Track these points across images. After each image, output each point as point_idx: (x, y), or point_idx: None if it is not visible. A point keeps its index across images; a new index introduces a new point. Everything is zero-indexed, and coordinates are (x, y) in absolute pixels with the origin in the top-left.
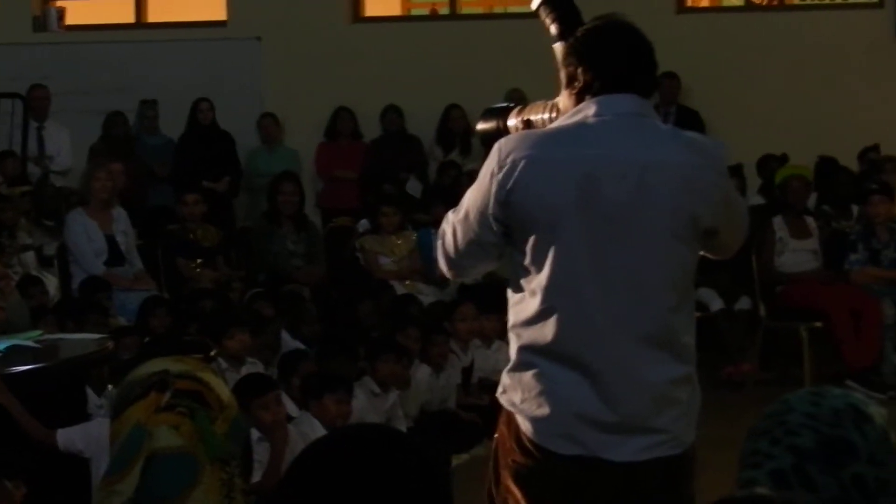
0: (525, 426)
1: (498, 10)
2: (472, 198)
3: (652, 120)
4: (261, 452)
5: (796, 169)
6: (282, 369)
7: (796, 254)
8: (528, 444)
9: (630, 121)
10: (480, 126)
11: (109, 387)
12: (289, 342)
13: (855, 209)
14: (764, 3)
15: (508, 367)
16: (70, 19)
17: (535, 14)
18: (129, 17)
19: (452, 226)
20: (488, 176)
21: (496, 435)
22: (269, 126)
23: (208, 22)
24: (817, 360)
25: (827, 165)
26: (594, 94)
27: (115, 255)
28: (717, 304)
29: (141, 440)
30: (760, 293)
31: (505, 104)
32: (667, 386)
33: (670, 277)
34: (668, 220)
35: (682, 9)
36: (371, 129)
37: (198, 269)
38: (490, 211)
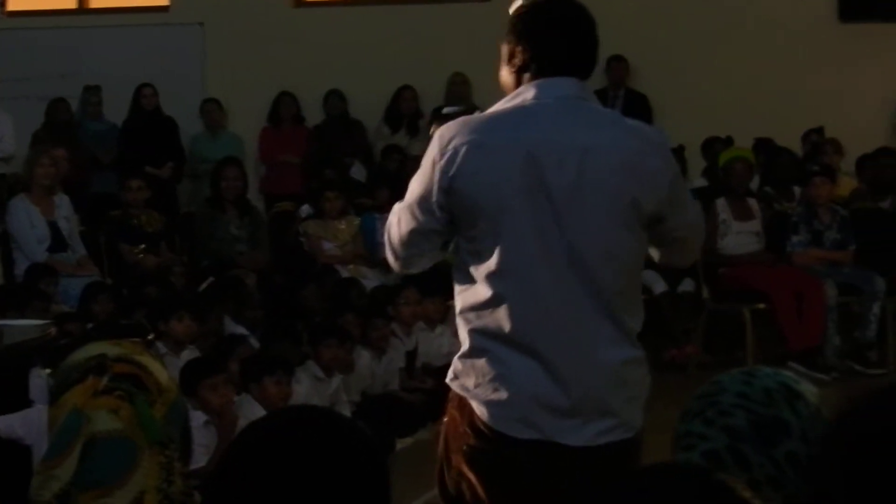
0: (480, 411)
1: None
2: (416, 187)
3: (592, 104)
4: (208, 436)
5: (739, 151)
6: (219, 354)
7: (739, 236)
8: (483, 429)
9: (570, 104)
10: (434, 131)
11: (44, 372)
12: (232, 327)
13: (797, 191)
14: None
15: (460, 352)
16: (12, 5)
17: None
18: (71, 2)
19: (398, 217)
20: (430, 164)
21: (446, 419)
22: (213, 111)
23: (151, 7)
24: (760, 341)
25: (764, 146)
26: (532, 75)
27: (58, 242)
28: (660, 286)
29: (79, 424)
30: (704, 275)
31: (459, 109)
32: (619, 368)
33: (616, 261)
34: (610, 203)
35: None
36: (314, 114)
37: (141, 255)
38: (434, 199)
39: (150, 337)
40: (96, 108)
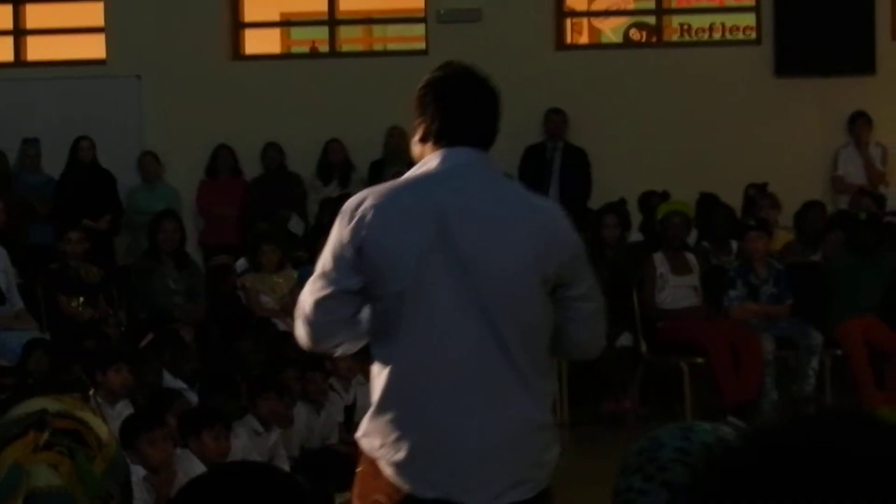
0: (387, 471)
1: (377, 47)
2: (328, 254)
3: (494, 172)
4: (147, 491)
5: (676, 205)
6: (157, 407)
7: (677, 290)
8: (390, 487)
9: (472, 172)
10: None
11: None
12: (170, 381)
13: (734, 245)
14: (642, 39)
15: (369, 411)
16: None
17: (414, 52)
18: (8, 55)
19: (309, 289)
20: (341, 230)
21: (359, 469)
22: (150, 164)
23: (88, 60)
24: (698, 395)
25: (707, 202)
26: (435, 145)
27: None
28: None
29: (19, 479)
30: (641, 329)
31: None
32: (526, 429)
33: (522, 323)
34: (516, 266)
35: (561, 45)
36: (251, 167)
37: (79, 308)
38: (347, 260)
39: (91, 392)
40: (34, 161)
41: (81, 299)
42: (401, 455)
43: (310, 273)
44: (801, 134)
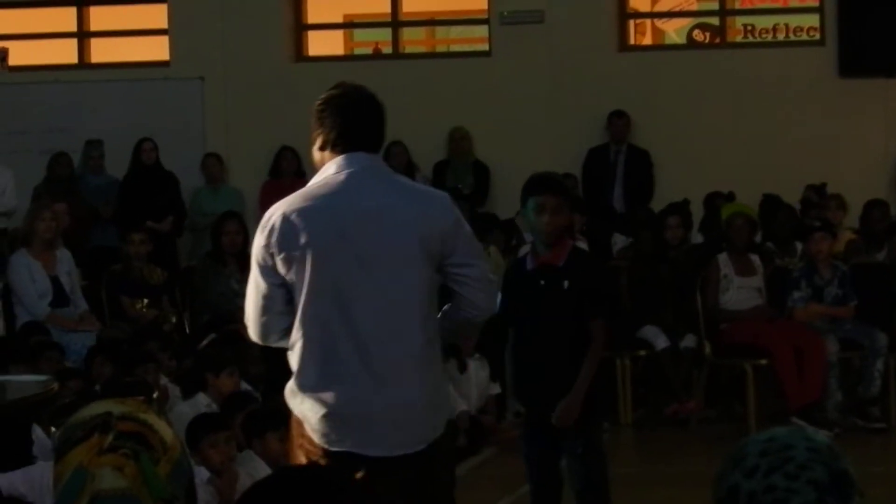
0: (307, 426)
1: (440, 48)
2: (253, 263)
3: (385, 171)
4: (210, 494)
5: (740, 207)
6: (226, 411)
7: (741, 291)
8: (310, 437)
9: (367, 172)
10: None
11: (53, 429)
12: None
13: (798, 246)
14: (706, 40)
15: (292, 379)
16: (14, 60)
17: (477, 54)
18: (72, 58)
19: (248, 296)
20: (257, 241)
21: (294, 415)
22: (213, 166)
23: (151, 62)
24: (762, 397)
25: (771, 204)
26: (332, 152)
27: (60, 296)
28: (661, 341)
29: (83, 482)
30: (705, 331)
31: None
32: (418, 397)
33: (416, 298)
34: (406, 248)
35: (624, 47)
36: (315, 168)
37: (143, 309)
38: (267, 263)
39: (155, 395)
40: (97, 162)
41: (145, 301)
42: (318, 415)
43: None
44: (864, 134)
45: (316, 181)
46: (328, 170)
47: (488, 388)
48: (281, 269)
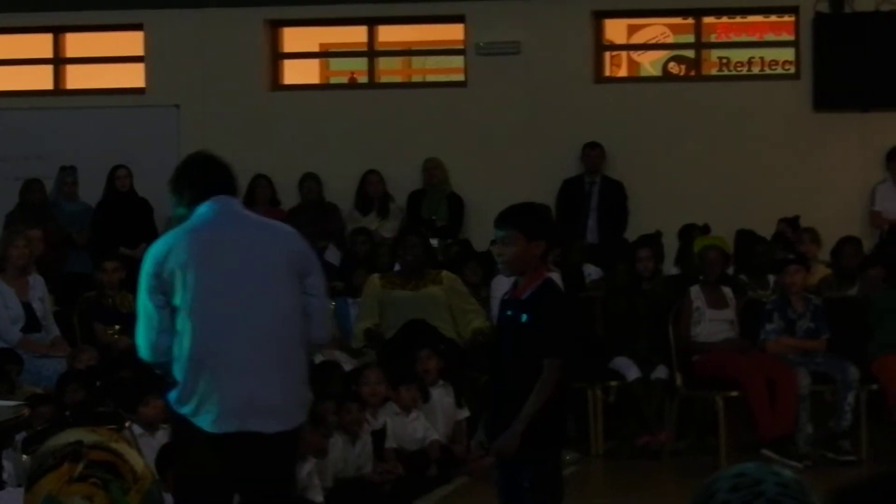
0: (201, 420)
1: (416, 78)
2: (142, 287)
3: (244, 211)
4: None
5: (713, 240)
6: None
7: (713, 323)
8: (202, 432)
9: (230, 210)
10: None
11: (24, 457)
12: None
13: (771, 279)
14: (681, 73)
15: (178, 388)
16: None
17: (453, 84)
18: (47, 83)
19: (140, 318)
20: (145, 269)
21: (175, 427)
22: None
23: (127, 89)
24: (733, 429)
25: (746, 238)
26: (200, 200)
27: (32, 322)
28: (633, 373)
29: None
30: (677, 362)
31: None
32: (291, 385)
33: (283, 305)
34: (271, 269)
35: (599, 78)
36: (289, 197)
37: (115, 336)
38: (152, 288)
39: (127, 424)
40: (71, 189)
41: (117, 328)
42: (213, 408)
43: (345, 304)
44: (839, 169)
45: (192, 221)
46: (200, 210)
47: (455, 414)
48: (166, 291)
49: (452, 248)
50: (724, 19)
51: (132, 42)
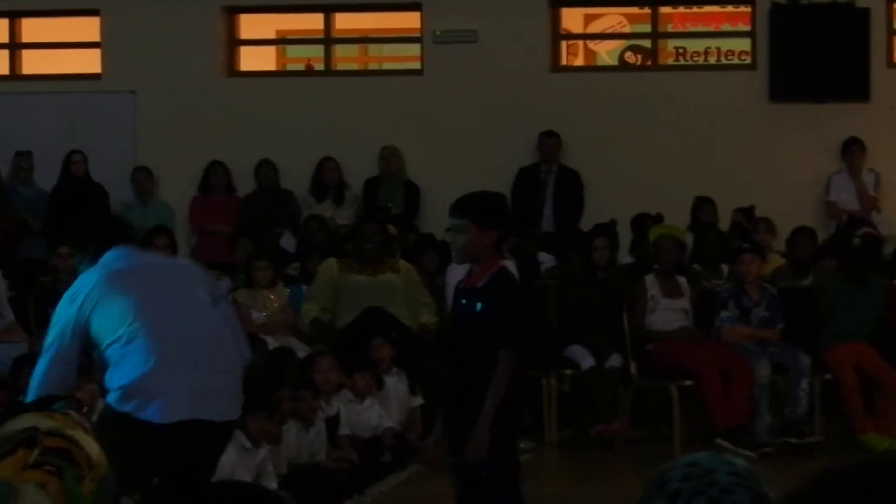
0: (151, 413)
1: (373, 66)
2: (57, 330)
3: (151, 251)
4: None
5: (668, 229)
6: None
7: (667, 312)
8: (150, 426)
9: (135, 253)
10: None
11: None
12: None
13: (725, 269)
14: (637, 62)
15: (120, 392)
16: None
17: (409, 72)
18: (3, 69)
19: (42, 364)
20: (69, 312)
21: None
22: (143, 179)
23: (83, 75)
24: (687, 418)
25: (700, 225)
26: (102, 253)
27: None
28: (588, 361)
29: (6, 498)
30: (631, 351)
31: None
32: (233, 380)
33: (212, 316)
34: (195, 287)
35: (556, 67)
36: (245, 184)
37: None
38: (75, 329)
39: (84, 410)
40: (27, 174)
41: None
42: (163, 400)
43: (300, 291)
44: (795, 159)
45: (108, 267)
46: (108, 256)
47: (409, 401)
48: (90, 325)
49: (410, 237)
50: (681, 9)
51: (88, 28)
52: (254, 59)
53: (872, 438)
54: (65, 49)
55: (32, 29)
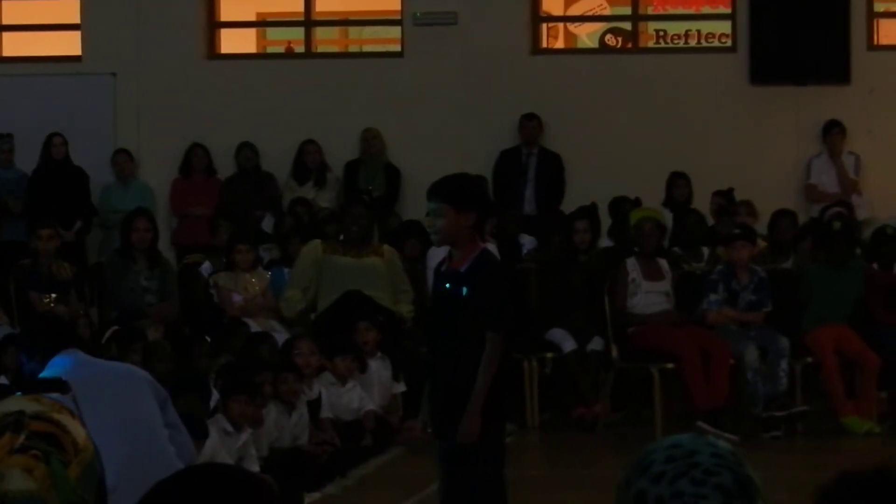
0: None
1: (353, 48)
2: None
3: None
4: None
5: (649, 212)
6: None
7: (649, 295)
8: None
9: (83, 357)
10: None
11: None
12: None
13: (706, 251)
14: (618, 45)
15: None
16: None
17: (389, 54)
18: None
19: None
20: None
21: None
22: (123, 162)
23: (63, 57)
24: (668, 400)
25: (680, 208)
26: (49, 357)
27: None
28: (569, 344)
29: None
30: (613, 334)
31: None
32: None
33: (153, 435)
34: (144, 404)
35: (536, 50)
36: (226, 166)
37: (51, 304)
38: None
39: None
40: (7, 157)
41: (53, 296)
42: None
43: (281, 273)
44: (775, 142)
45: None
46: (56, 361)
47: (392, 387)
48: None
49: (392, 221)
50: None
51: (68, 10)
52: (234, 42)
53: (853, 422)
54: (45, 31)
55: (12, 11)
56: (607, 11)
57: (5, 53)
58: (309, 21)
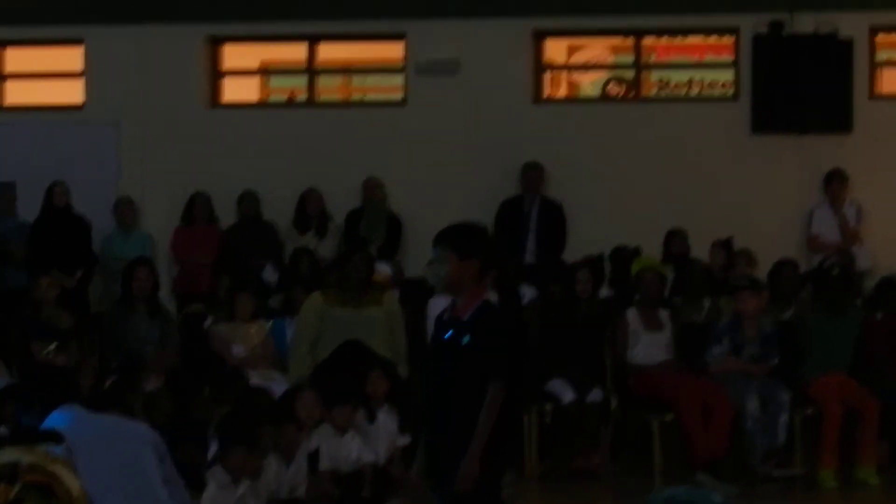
0: None
1: (355, 98)
2: None
3: (98, 415)
4: None
5: (651, 261)
6: None
7: (649, 346)
8: None
9: (82, 412)
10: None
11: None
12: None
13: (706, 303)
14: (620, 94)
15: None
16: None
17: (392, 103)
18: None
19: None
20: None
21: None
22: (125, 210)
23: (66, 105)
24: (668, 450)
25: (682, 259)
26: (48, 412)
27: None
28: (568, 395)
29: None
30: (613, 385)
31: None
32: None
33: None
34: (144, 460)
35: (538, 99)
36: (228, 215)
37: (51, 354)
38: None
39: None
40: (10, 205)
41: (53, 346)
42: None
43: (282, 324)
44: (777, 191)
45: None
46: (55, 416)
47: (397, 439)
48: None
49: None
50: (665, 40)
51: (72, 58)
52: (237, 90)
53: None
54: (48, 79)
55: (16, 59)
56: (610, 60)
57: (8, 102)
58: (312, 70)
